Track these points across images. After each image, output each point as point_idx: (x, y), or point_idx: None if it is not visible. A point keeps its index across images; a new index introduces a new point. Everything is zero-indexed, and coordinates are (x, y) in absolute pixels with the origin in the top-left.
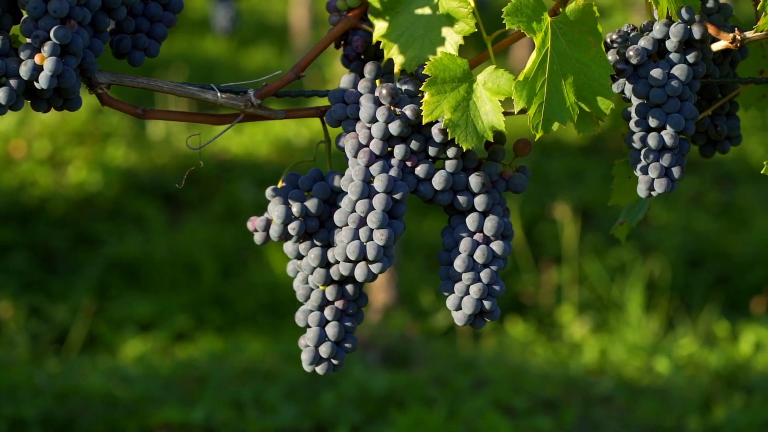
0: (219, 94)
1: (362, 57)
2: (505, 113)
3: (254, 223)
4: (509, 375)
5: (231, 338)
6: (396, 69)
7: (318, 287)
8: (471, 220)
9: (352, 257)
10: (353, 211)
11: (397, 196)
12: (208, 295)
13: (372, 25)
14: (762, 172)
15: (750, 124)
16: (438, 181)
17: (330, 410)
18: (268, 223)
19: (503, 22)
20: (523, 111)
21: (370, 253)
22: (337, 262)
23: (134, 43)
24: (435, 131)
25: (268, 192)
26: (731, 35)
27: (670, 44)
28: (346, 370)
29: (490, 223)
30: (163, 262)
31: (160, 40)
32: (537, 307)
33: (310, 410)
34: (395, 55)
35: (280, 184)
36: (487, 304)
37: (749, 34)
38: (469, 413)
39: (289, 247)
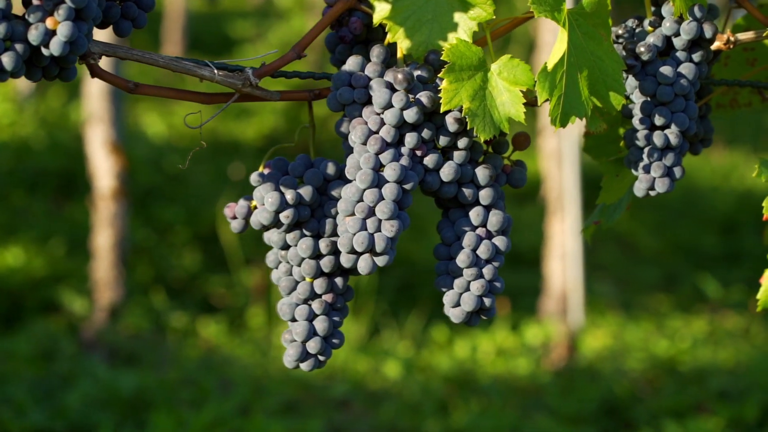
0: (216, 71)
1: (351, 41)
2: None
3: (233, 209)
4: (250, 377)
5: None
6: (399, 54)
7: (305, 279)
8: (475, 214)
9: (359, 249)
10: (360, 200)
11: (407, 186)
12: None
13: (371, 7)
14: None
15: None
16: (447, 172)
17: (78, 411)
18: (249, 210)
19: (530, 10)
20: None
21: (378, 245)
22: (332, 253)
23: (123, 12)
24: (450, 120)
25: (254, 177)
26: (725, 36)
27: (678, 42)
28: (87, 369)
29: (495, 218)
30: None
31: (148, 10)
32: (229, 309)
33: (57, 411)
34: (401, 40)
35: (262, 169)
36: (486, 301)
37: (741, 36)
38: (225, 415)
39: (274, 236)
